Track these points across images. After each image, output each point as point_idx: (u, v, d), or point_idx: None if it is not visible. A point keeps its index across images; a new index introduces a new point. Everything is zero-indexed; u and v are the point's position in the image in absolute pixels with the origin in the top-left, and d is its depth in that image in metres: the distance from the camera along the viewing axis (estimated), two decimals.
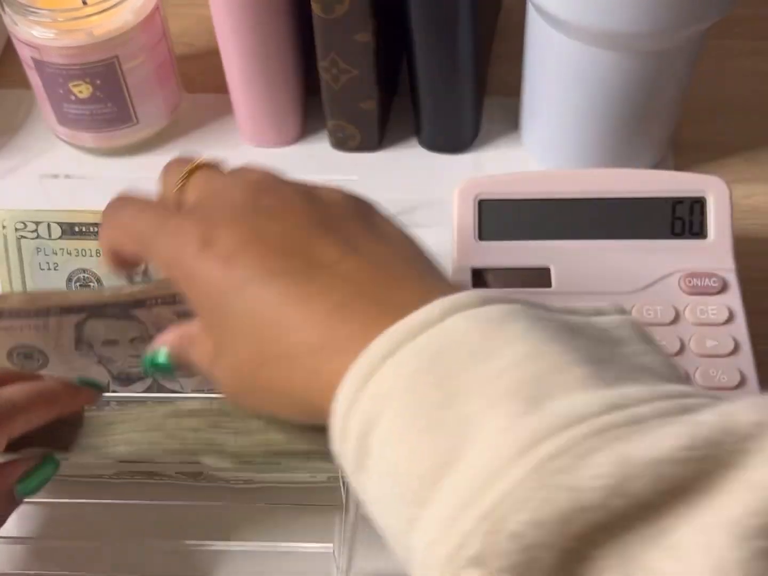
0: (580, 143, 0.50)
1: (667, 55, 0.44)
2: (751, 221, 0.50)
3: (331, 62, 0.49)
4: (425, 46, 0.48)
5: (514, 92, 0.54)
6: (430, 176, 0.53)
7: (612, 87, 0.46)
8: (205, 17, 0.51)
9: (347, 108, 0.52)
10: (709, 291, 0.43)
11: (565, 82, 0.47)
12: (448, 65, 0.49)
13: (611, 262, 0.44)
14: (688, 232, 0.44)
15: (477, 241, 0.44)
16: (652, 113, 0.48)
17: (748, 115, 0.56)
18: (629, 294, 0.43)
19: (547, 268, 0.44)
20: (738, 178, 0.51)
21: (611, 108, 0.47)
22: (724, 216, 0.44)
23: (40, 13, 0.47)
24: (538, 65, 0.49)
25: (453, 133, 0.54)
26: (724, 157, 0.54)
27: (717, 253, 0.44)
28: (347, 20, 0.47)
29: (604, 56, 0.44)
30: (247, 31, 0.48)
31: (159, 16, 0.51)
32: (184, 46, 0.60)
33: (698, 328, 0.42)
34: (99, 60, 0.48)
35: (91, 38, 0.47)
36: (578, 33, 0.44)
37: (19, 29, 0.48)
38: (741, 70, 0.58)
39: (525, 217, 0.44)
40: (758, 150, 0.54)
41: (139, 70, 0.50)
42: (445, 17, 0.46)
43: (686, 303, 0.43)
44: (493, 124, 0.56)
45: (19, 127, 0.56)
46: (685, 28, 0.42)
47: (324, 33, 0.48)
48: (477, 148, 0.55)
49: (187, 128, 0.56)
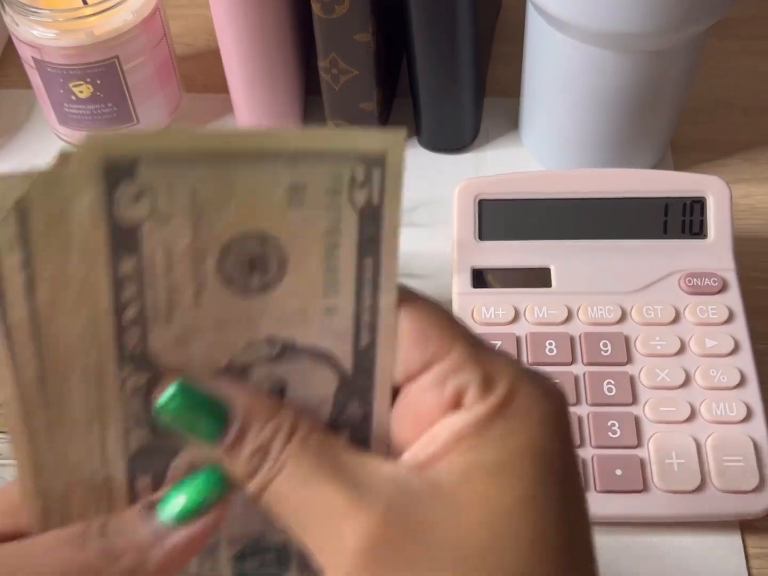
0: (580, 143, 0.50)
1: (667, 55, 0.45)
2: (750, 221, 0.50)
3: (331, 62, 0.49)
4: (425, 46, 0.48)
5: (514, 92, 0.54)
6: (429, 176, 0.53)
7: (612, 87, 0.46)
8: (205, 17, 0.51)
9: (347, 108, 0.52)
10: (709, 291, 0.43)
11: (565, 82, 0.47)
12: (448, 65, 0.49)
13: (612, 261, 0.44)
14: (688, 232, 0.44)
15: (477, 241, 0.44)
16: (652, 113, 0.48)
17: (747, 115, 0.56)
18: (629, 294, 0.43)
19: (548, 268, 0.44)
20: (737, 178, 0.52)
21: (611, 108, 0.47)
22: (724, 216, 0.44)
23: (40, 13, 0.47)
24: (538, 65, 0.49)
25: (453, 133, 0.54)
26: (723, 157, 0.54)
27: (717, 252, 0.44)
28: (347, 20, 0.47)
29: (604, 56, 0.44)
30: (248, 31, 0.48)
31: (159, 16, 0.51)
32: (185, 46, 0.60)
33: (698, 327, 0.42)
34: (99, 60, 0.48)
35: (91, 38, 0.47)
36: (578, 33, 0.44)
37: (19, 29, 0.48)
38: (741, 70, 0.58)
39: (526, 217, 0.44)
40: (758, 150, 0.54)
41: (140, 70, 0.50)
42: (444, 17, 0.46)
43: (686, 303, 0.43)
44: (492, 124, 0.56)
45: (20, 127, 0.56)
46: (685, 28, 0.42)
47: (324, 33, 0.48)
48: (477, 148, 0.55)
49: None
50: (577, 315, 0.43)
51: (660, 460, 0.39)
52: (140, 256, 0.20)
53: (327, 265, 0.21)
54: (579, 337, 0.42)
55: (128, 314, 0.20)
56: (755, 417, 0.40)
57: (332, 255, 0.21)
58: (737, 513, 0.38)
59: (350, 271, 0.21)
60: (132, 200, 0.19)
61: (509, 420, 0.21)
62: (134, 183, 0.19)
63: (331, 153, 0.20)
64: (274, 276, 0.21)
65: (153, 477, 0.23)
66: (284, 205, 0.20)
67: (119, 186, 0.19)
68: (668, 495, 0.38)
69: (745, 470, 0.38)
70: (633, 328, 0.42)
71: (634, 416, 0.40)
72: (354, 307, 0.21)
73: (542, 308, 0.43)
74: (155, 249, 0.20)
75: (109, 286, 0.20)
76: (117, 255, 0.19)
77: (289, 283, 0.21)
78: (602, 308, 0.43)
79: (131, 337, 0.20)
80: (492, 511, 0.20)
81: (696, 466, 0.38)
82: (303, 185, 0.20)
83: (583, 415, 0.40)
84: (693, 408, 0.40)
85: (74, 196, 0.19)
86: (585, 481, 0.38)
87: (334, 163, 0.20)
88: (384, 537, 0.20)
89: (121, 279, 0.20)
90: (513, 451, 0.21)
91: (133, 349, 0.21)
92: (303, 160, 0.20)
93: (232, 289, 0.21)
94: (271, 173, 0.19)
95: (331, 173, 0.20)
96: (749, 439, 0.39)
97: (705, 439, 0.39)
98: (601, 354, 0.41)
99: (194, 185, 0.19)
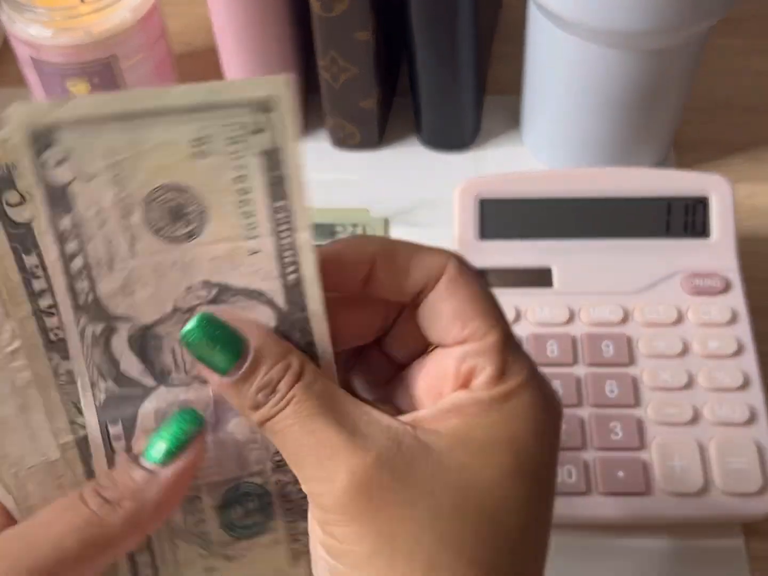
0: (581, 142, 0.50)
1: (670, 54, 0.44)
2: (754, 221, 0.50)
3: (331, 60, 0.49)
4: (425, 43, 0.48)
5: (515, 90, 0.54)
6: (430, 175, 0.53)
7: (614, 85, 0.46)
8: (203, 15, 0.51)
9: (347, 106, 0.51)
10: (712, 291, 0.43)
11: (566, 80, 0.47)
12: (448, 63, 0.49)
13: (613, 261, 0.44)
14: (690, 232, 0.44)
15: (478, 241, 0.44)
16: (654, 112, 0.48)
17: (750, 114, 0.55)
18: (631, 294, 0.43)
19: (549, 268, 0.44)
20: (740, 178, 0.51)
21: (613, 106, 0.47)
22: (727, 215, 0.43)
23: (37, 12, 0.46)
24: (539, 63, 0.48)
25: (453, 131, 0.53)
26: (726, 156, 0.53)
27: (720, 252, 0.43)
28: (347, 18, 0.46)
29: (606, 54, 0.44)
30: (246, 30, 0.48)
31: (157, 15, 0.50)
32: (183, 45, 0.60)
33: (701, 328, 0.42)
34: (97, 58, 0.48)
35: (88, 37, 0.47)
36: (580, 31, 0.43)
37: (16, 28, 0.48)
38: (744, 68, 0.58)
39: (526, 217, 0.44)
40: (761, 149, 0.54)
41: (138, 69, 0.50)
42: (445, 15, 0.46)
43: (689, 303, 0.42)
44: (493, 122, 0.55)
45: None
46: (687, 26, 0.42)
47: (323, 31, 0.47)
48: (477, 146, 0.54)
49: None
50: (578, 315, 0.42)
51: (663, 462, 0.38)
52: (75, 213, 0.22)
53: (243, 210, 0.23)
54: (581, 337, 0.42)
55: (75, 265, 0.22)
56: (759, 419, 0.39)
57: (245, 200, 0.23)
58: (740, 515, 0.38)
59: (264, 213, 0.23)
60: (58, 164, 0.21)
61: (504, 413, 0.24)
62: (58, 148, 0.21)
63: (226, 104, 0.22)
64: (197, 225, 0.23)
65: (123, 425, 0.25)
66: (191, 157, 0.22)
67: (46, 151, 0.21)
68: (671, 497, 0.38)
69: (749, 472, 0.38)
70: (635, 329, 0.42)
71: (636, 418, 0.39)
72: (275, 247, 0.23)
73: (543, 309, 0.42)
74: (87, 206, 0.22)
75: (54, 242, 0.22)
76: (55, 213, 0.22)
77: (211, 230, 0.23)
78: (604, 309, 0.42)
79: (82, 285, 0.23)
80: (468, 482, 0.23)
81: (699, 469, 0.38)
82: (205, 137, 0.22)
83: (585, 416, 0.40)
84: (696, 410, 0.40)
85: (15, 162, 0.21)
86: (587, 483, 0.38)
87: (230, 112, 0.22)
88: (372, 479, 0.22)
89: (62, 233, 0.22)
90: (497, 438, 0.24)
91: (86, 298, 0.23)
92: (201, 112, 0.21)
93: (162, 238, 0.23)
94: (175, 128, 0.21)
95: (229, 123, 0.22)
96: (753, 442, 0.39)
97: (708, 441, 0.39)
98: (603, 355, 0.41)
99: (109, 145, 0.21)
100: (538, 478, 0.24)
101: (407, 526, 0.22)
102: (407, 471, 0.23)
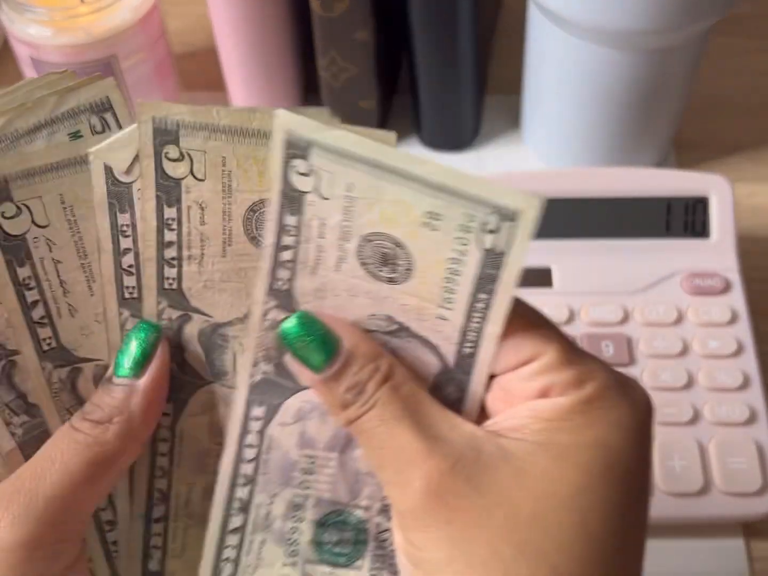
0: (581, 141, 0.50)
1: (670, 53, 0.44)
2: (754, 221, 0.50)
3: (331, 60, 0.49)
4: (425, 43, 0.48)
5: (515, 90, 0.54)
6: None
7: (614, 85, 0.46)
8: (203, 15, 0.51)
9: (347, 106, 0.51)
10: (712, 291, 0.43)
11: (566, 79, 0.47)
12: (448, 63, 0.49)
13: (613, 261, 0.43)
14: (690, 232, 0.44)
15: None
16: (655, 112, 0.48)
17: (750, 114, 0.55)
18: (631, 294, 0.43)
19: (548, 268, 0.44)
20: (741, 177, 0.51)
21: (613, 106, 0.47)
22: (727, 215, 0.43)
23: (37, 12, 0.46)
24: (539, 63, 0.48)
25: (453, 131, 0.53)
26: (726, 156, 0.53)
27: (720, 252, 0.43)
28: (347, 18, 0.46)
29: (606, 54, 0.44)
30: (246, 29, 0.48)
31: (157, 15, 0.50)
32: (183, 45, 0.60)
33: (701, 328, 0.42)
34: (97, 58, 0.48)
35: (88, 37, 0.47)
36: (580, 30, 0.43)
37: (16, 28, 0.48)
38: (744, 68, 0.58)
39: None
40: (761, 149, 0.54)
41: (138, 69, 0.50)
42: (445, 15, 0.46)
43: (689, 303, 0.42)
44: (493, 122, 0.55)
45: None
46: (687, 26, 0.42)
47: (323, 31, 0.47)
48: (478, 146, 0.54)
49: None
50: (578, 315, 0.42)
51: (662, 462, 0.38)
52: (301, 217, 0.24)
53: (446, 285, 0.24)
54: (580, 337, 0.42)
55: (283, 256, 0.24)
56: (759, 419, 0.39)
57: (452, 279, 0.24)
58: (740, 515, 0.38)
59: (465, 296, 0.24)
60: (302, 173, 0.23)
61: (587, 416, 0.23)
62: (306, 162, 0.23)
63: (471, 197, 0.22)
64: (401, 275, 0.24)
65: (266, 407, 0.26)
66: (420, 224, 0.23)
67: (295, 159, 0.23)
68: (671, 497, 0.38)
69: (749, 472, 0.38)
70: (635, 329, 0.42)
71: None
72: (463, 323, 0.24)
73: (543, 309, 0.42)
74: (312, 216, 0.24)
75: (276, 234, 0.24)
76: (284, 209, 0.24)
77: (412, 285, 0.24)
78: (604, 309, 0.42)
79: (283, 274, 0.24)
80: (549, 488, 0.22)
81: (699, 468, 0.38)
82: (440, 215, 0.23)
83: None
84: (696, 410, 0.40)
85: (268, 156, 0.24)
86: None
87: (471, 205, 0.22)
88: (447, 485, 0.22)
89: (284, 226, 0.24)
90: (581, 442, 0.23)
91: (281, 286, 0.25)
92: (444, 193, 0.22)
93: (366, 270, 0.24)
94: (416, 195, 0.23)
95: (467, 213, 0.23)
96: (752, 441, 0.39)
97: (708, 441, 0.39)
98: (603, 355, 0.41)
99: (351, 181, 0.23)
100: (630, 481, 0.23)
101: (483, 534, 0.22)
102: (485, 478, 0.22)
